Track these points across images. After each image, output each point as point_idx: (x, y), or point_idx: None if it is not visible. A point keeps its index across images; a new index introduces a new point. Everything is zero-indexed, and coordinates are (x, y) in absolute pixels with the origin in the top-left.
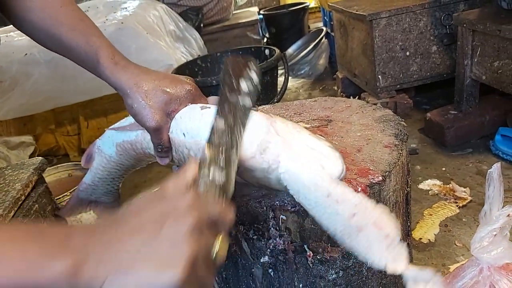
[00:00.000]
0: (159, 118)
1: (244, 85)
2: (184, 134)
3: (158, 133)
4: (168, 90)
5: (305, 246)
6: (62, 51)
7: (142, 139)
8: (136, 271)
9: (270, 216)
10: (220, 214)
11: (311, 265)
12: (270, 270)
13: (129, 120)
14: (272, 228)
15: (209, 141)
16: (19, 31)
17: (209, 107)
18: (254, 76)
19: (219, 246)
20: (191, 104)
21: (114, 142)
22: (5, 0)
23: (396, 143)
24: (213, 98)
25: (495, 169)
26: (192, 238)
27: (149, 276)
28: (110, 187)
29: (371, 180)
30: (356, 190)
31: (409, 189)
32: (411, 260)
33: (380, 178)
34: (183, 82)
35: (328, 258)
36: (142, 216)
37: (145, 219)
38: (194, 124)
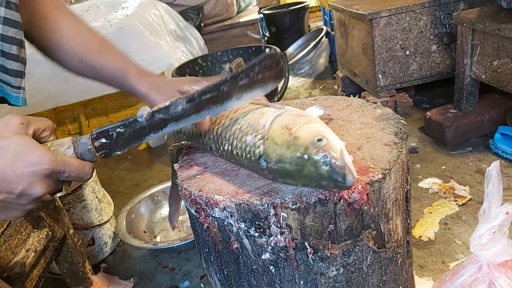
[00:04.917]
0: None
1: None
2: None
3: None
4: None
5: (306, 243)
6: (93, 75)
7: None
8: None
9: (271, 214)
10: (76, 177)
11: (311, 262)
12: (271, 267)
13: None
14: (273, 226)
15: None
16: None
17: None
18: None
19: (59, 195)
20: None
21: None
22: (39, 31)
23: (396, 141)
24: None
25: (494, 167)
26: (35, 203)
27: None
28: None
29: (371, 178)
30: (356, 188)
31: (409, 187)
32: (412, 258)
33: (380, 175)
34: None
35: (329, 255)
36: (3, 174)
37: (7, 180)
38: None
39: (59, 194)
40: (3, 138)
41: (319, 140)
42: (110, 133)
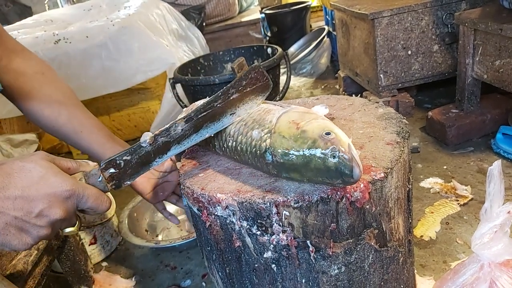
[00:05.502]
0: None
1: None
2: None
3: None
4: None
5: (308, 241)
6: (76, 146)
7: None
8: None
9: (273, 212)
10: (93, 207)
11: (313, 260)
12: (273, 266)
13: None
14: (275, 224)
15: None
16: (22, 30)
17: None
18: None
19: (69, 230)
20: None
21: None
22: (43, 119)
23: (398, 140)
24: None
25: (496, 166)
26: (51, 227)
27: (7, 242)
28: None
29: (373, 177)
30: (358, 186)
31: (410, 186)
32: (413, 257)
33: (382, 174)
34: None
35: (331, 253)
36: (27, 191)
37: (27, 197)
38: None
39: (69, 229)
40: (29, 162)
41: (328, 133)
42: (118, 161)
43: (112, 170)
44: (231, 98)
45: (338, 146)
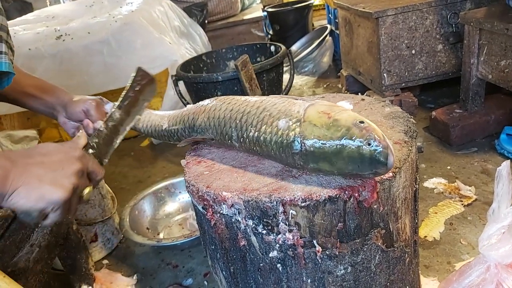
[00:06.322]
0: None
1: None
2: None
3: None
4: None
5: (314, 241)
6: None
7: None
8: (38, 188)
9: (280, 211)
10: (95, 170)
11: (319, 260)
12: (278, 265)
13: None
14: (281, 223)
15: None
16: (24, 26)
17: None
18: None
19: (87, 191)
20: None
21: None
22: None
23: (406, 139)
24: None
25: (504, 167)
26: (76, 177)
27: (46, 192)
28: None
29: (382, 176)
30: (366, 186)
31: (417, 186)
32: (418, 258)
33: (391, 174)
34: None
35: (337, 253)
36: (48, 156)
37: (51, 159)
38: None
39: (87, 190)
40: (44, 143)
41: (361, 122)
42: (91, 143)
43: (90, 151)
44: (135, 89)
45: (373, 134)
